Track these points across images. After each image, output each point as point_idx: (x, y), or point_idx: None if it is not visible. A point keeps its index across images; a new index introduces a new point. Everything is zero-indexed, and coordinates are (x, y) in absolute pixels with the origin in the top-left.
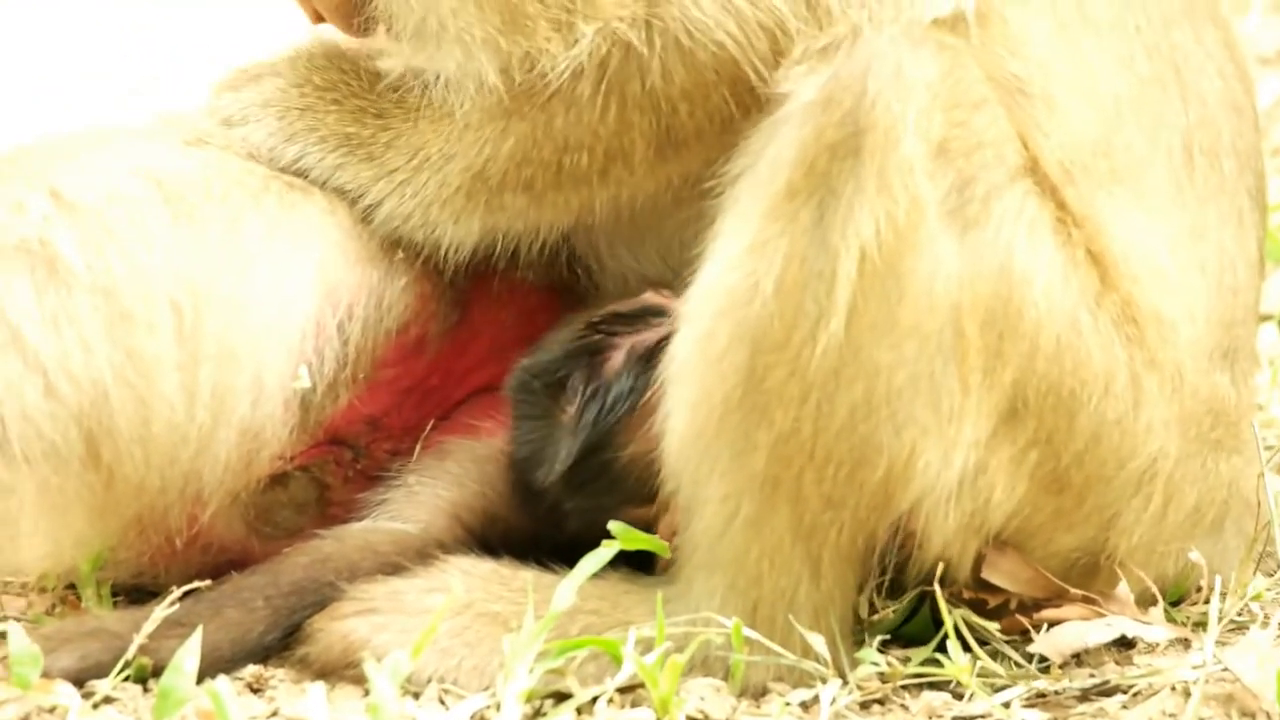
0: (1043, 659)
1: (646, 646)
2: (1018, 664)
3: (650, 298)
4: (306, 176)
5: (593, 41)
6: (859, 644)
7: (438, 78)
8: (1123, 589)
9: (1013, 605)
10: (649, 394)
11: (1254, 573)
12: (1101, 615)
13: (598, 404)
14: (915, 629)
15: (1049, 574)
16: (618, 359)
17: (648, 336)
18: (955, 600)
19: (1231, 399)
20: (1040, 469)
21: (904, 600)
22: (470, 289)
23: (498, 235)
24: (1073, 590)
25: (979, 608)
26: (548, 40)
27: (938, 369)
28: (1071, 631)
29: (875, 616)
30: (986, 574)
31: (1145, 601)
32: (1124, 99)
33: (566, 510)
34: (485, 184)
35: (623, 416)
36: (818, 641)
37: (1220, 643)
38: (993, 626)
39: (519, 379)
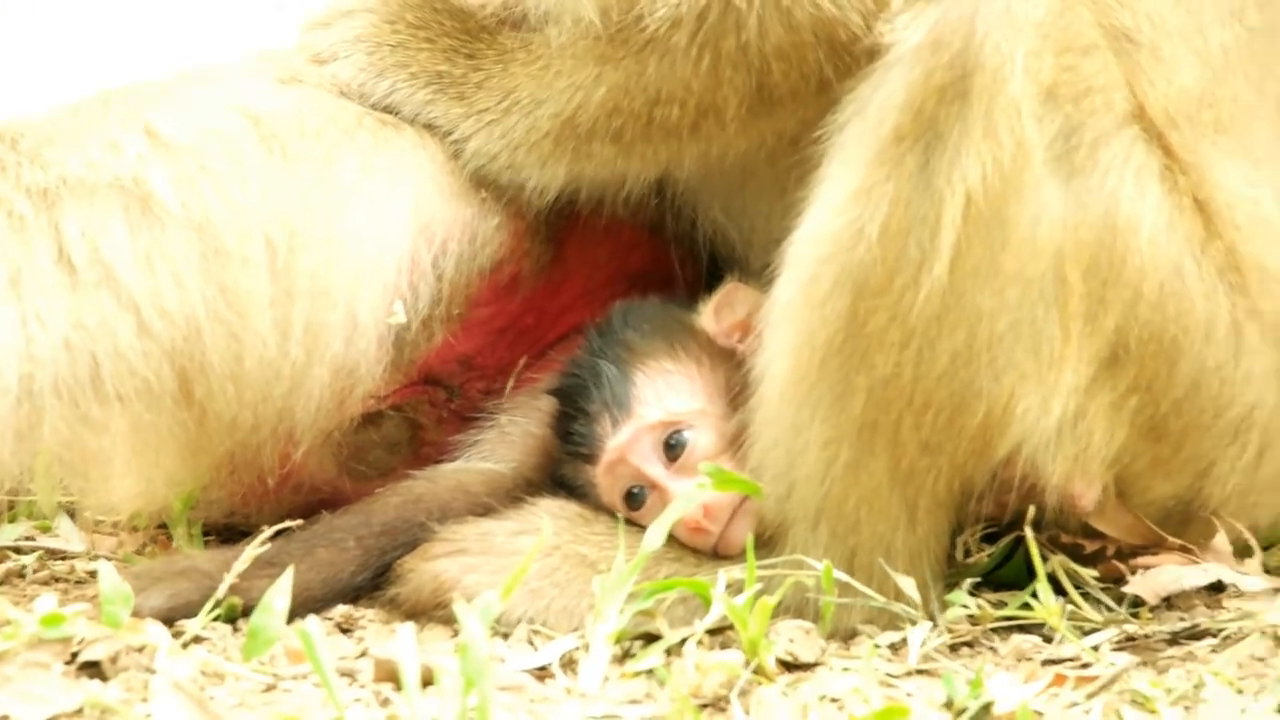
0: (1134, 605)
1: (736, 589)
2: (1109, 608)
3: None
4: (396, 112)
5: None
6: (952, 588)
7: (538, 6)
8: (1220, 539)
9: (1109, 552)
10: None
11: None
12: (1197, 563)
13: None
14: (1010, 573)
15: (1148, 521)
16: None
17: None
18: (1051, 546)
19: None
20: (1140, 416)
21: (1000, 544)
22: (564, 228)
23: (583, 183)
24: (1170, 539)
25: (1075, 554)
26: None
27: (1039, 315)
28: (1167, 574)
29: (970, 560)
30: (1090, 519)
31: (1241, 553)
32: (1232, 51)
33: None
34: (574, 131)
35: None
36: (907, 584)
37: None
38: (1088, 573)
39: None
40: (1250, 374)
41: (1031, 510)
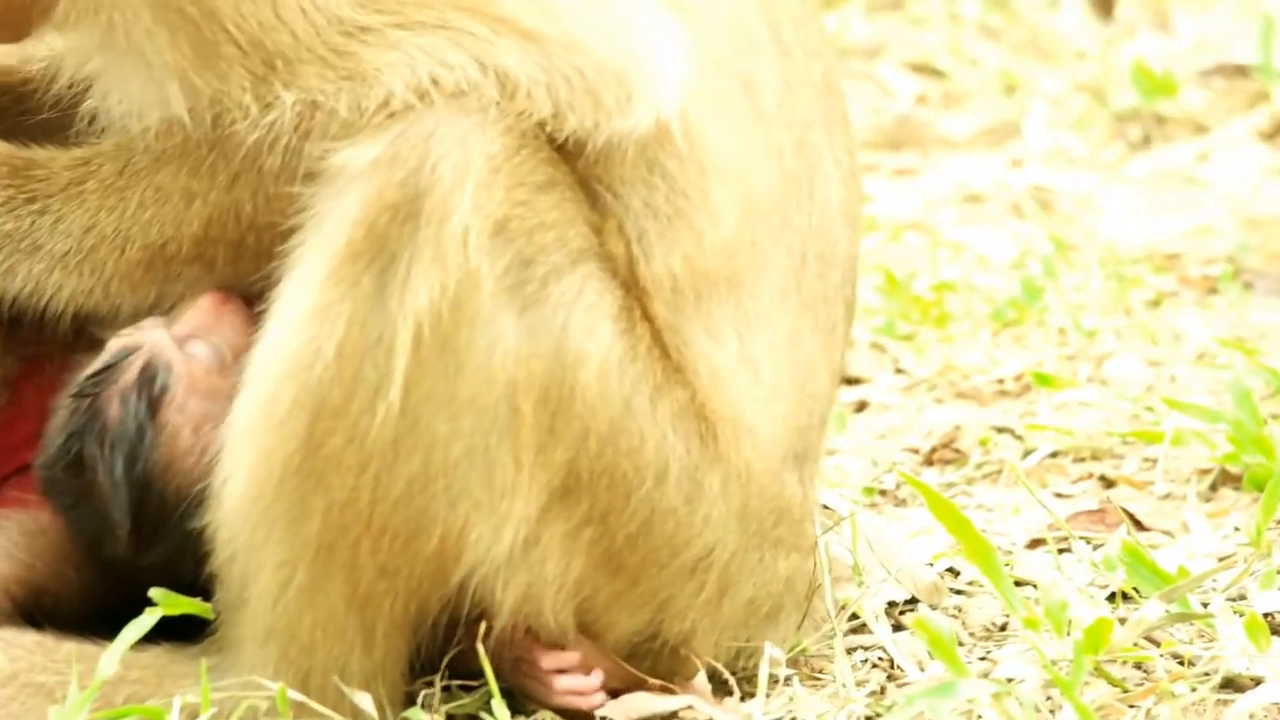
0: None
1: (193, 713)
2: None
3: (114, 343)
4: None
5: (292, 109)
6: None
7: (115, 97)
8: (700, 680)
9: None
10: (163, 419)
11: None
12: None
13: (120, 455)
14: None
15: (624, 663)
16: (115, 409)
17: (129, 376)
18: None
19: (797, 499)
20: (596, 547)
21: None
22: (19, 371)
23: (174, 298)
24: (650, 680)
25: None
26: (242, 90)
27: (493, 444)
28: (643, 699)
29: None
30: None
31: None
32: (767, 193)
33: (154, 563)
34: (165, 259)
35: (148, 455)
36: (365, 700)
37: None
38: None
39: (42, 478)
40: (710, 517)
41: (484, 626)
